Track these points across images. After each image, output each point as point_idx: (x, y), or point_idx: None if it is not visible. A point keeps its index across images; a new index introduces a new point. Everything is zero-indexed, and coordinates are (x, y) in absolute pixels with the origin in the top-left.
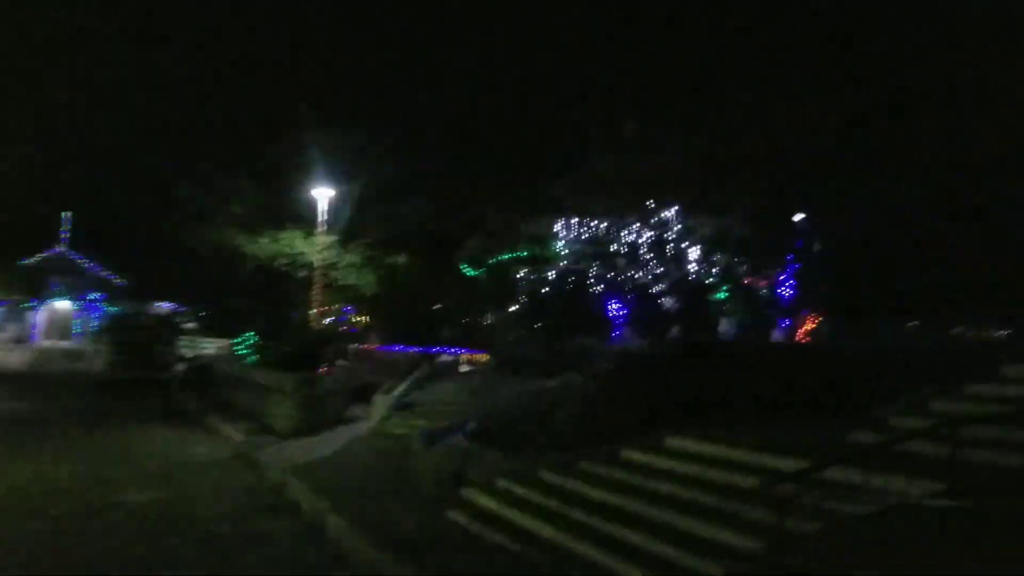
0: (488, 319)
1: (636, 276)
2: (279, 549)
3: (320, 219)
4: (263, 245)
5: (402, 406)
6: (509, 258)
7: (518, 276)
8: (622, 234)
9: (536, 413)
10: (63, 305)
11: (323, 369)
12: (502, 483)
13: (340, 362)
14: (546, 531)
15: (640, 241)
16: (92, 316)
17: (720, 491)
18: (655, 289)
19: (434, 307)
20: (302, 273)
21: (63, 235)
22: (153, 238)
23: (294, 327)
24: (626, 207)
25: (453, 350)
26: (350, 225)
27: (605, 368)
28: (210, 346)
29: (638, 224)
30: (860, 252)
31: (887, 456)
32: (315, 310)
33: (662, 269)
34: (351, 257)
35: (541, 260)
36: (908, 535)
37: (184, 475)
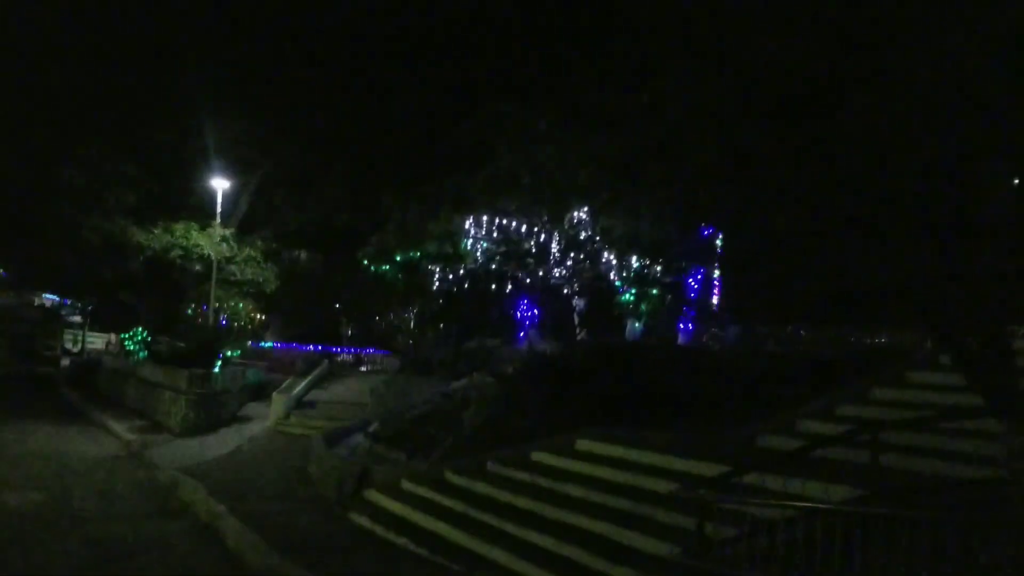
0: (392, 318)
1: (548, 277)
2: (172, 553)
3: (218, 210)
4: (156, 235)
5: (301, 405)
6: (416, 255)
7: (426, 273)
8: (534, 231)
9: (443, 414)
10: None
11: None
12: (407, 485)
13: (235, 360)
14: (454, 535)
15: (552, 241)
16: None
17: (633, 495)
18: (567, 290)
19: (335, 304)
20: (197, 267)
21: None
22: (35, 225)
23: (188, 322)
24: (539, 206)
25: (354, 350)
26: (249, 218)
27: (514, 369)
28: (97, 340)
29: (549, 224)
30: (755, 258)
31: (803, 461)
32: (213, 305)
33: (573, 270)
34: (250, 251)
35: (452, 258)
36: (825, 540)
37: (70, 475)
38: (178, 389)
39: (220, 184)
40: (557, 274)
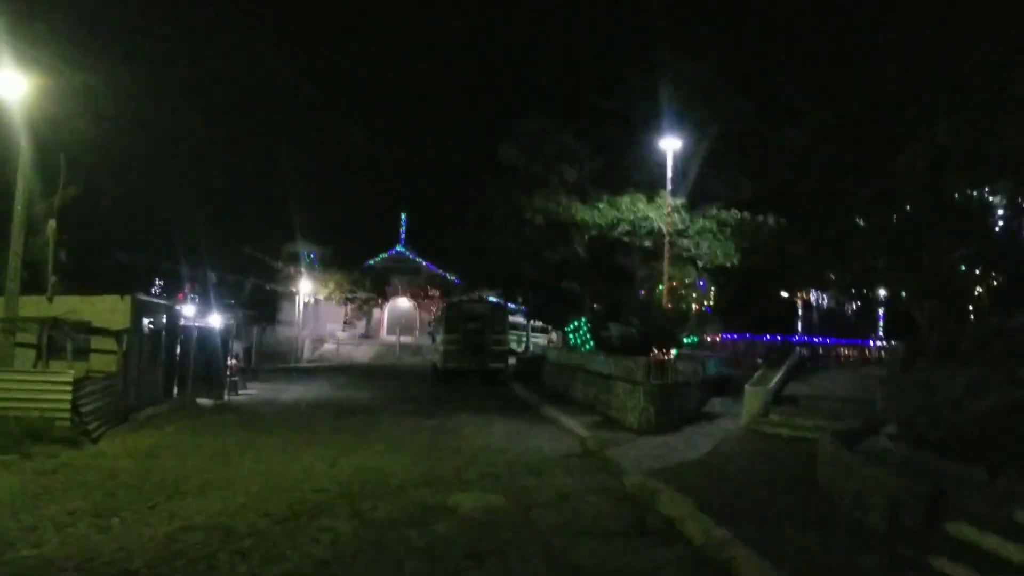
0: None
1: None
2: None
3: (668, 174)
4: (601, 211)
5: (779, 401)
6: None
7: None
8: None
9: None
10: (404, 302)
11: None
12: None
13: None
14: None
15: None
16: (430, 312)
17: None
18: None
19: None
20: (646, 243)
21: (401, 235)
22: (478, 214)
23: (638, 306)
24: None
25: (816, 339)
26: (698, 187)
27: None
28: (540, 338)
29: None
30: None
31: None
32: (664, 286)
33: None
34: (704, 222)
35: None
36: None
37: (524, 475)
38: (634, 380)
39: (670, 145)
40: None
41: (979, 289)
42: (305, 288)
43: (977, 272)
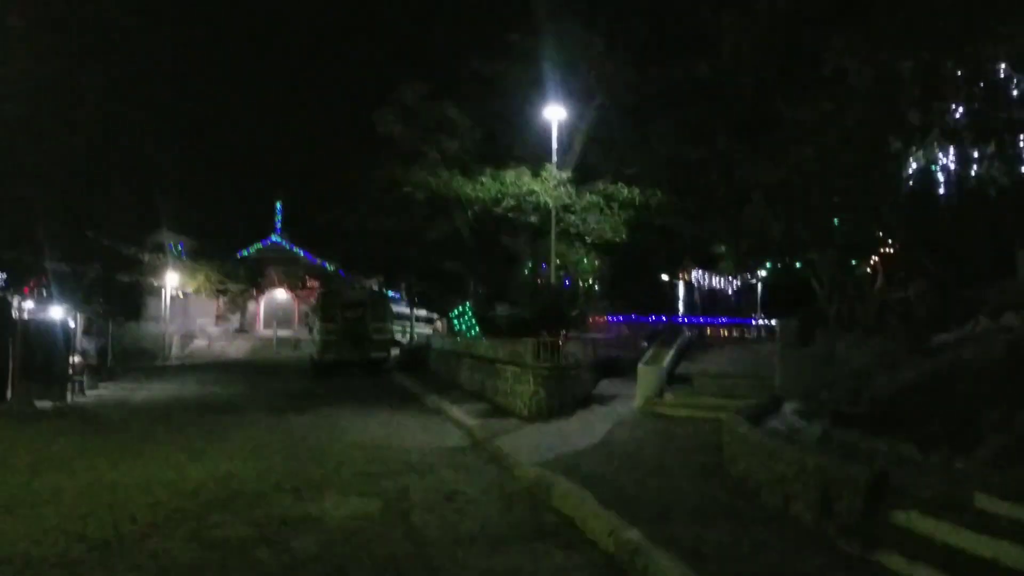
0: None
1: None
2: None
3: (554, 146)
4: (485, 185)
5: (673, 380)
6: None
7: None
8: None
9: (941, 385)
10: (281, 294)
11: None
12: (985, 503)
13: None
14: None
15: None
16: (309, 304)
17: None
18: None
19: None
20: (532, 218)
21: (276, 224)
22: (354, 190)
23: (524, 286)
24: None
25: (699, 320)
26: (583, 163)
27: None
28: (425, 328)
29: None
30: None
31: None
32: (553, 262)
33: None
34: (591, 196)
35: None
36: None
37: (405, 474)
38: (522, 364)
39: (555, 114)
40: None
41: (875, 257)
42: (172, 281)
43: (879, 236)
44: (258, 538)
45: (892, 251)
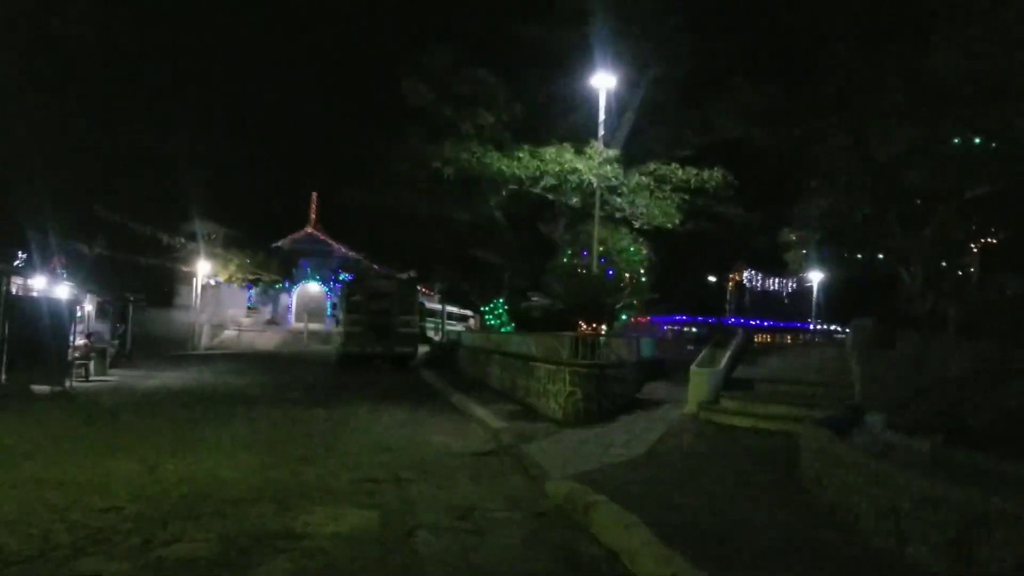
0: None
1: None
2: None
3: (600, 117)
4: (523, 161)
5: (729, 385)
6: None
7: None
8: None
9: None
10: (314, 287)
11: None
12: None
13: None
14: None
15: None
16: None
17: None
18: None
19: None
20: (574, 199)
21: (312, 216)
22: (378, 165)
23: (561, 274)
24: None
25: (743, 321)
26: (632, 141)
27: None
28: (456, 324)
29: None
30: None
31: None
32: (595, 249)
33: None
34: (640, 177)
35: None
36: None
37: (415, 482)
38: (557, 361)
39: (603, 82)
40: None
41: (974, 248)
42: (204, 269)
43: (974, 228)
44: (217, 560)
45: (994, 241)
